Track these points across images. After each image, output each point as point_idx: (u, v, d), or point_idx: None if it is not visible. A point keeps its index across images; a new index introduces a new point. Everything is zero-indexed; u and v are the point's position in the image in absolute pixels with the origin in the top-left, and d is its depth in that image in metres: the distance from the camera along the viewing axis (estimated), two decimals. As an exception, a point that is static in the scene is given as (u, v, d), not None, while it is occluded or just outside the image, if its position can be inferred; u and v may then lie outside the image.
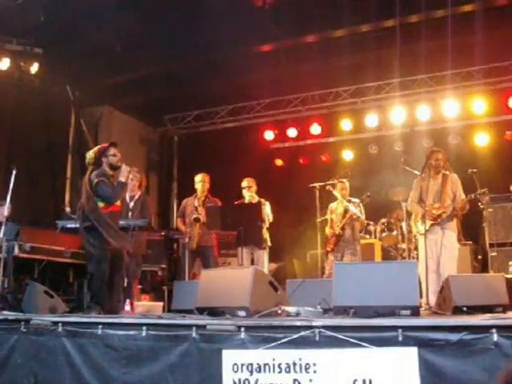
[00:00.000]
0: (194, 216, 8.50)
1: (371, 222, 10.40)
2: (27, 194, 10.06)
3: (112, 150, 6.80)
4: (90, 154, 6.80)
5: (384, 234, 10.44)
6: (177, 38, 9.87)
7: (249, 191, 9.00)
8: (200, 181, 8.84)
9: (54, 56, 9.94)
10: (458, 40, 9.33)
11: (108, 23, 9.41)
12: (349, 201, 9.09)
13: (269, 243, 8.94)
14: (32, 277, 7.60)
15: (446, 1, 8.63)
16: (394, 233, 10.29)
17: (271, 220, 9.01)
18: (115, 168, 6.80)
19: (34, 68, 9.94)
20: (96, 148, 6.93)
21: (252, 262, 8.66)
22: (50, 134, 11.43)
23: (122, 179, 6.69)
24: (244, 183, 9.11)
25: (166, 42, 10.11)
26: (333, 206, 9.28)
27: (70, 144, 11.94)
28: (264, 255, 8.88)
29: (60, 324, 5.10)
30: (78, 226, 6.73)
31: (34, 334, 5.22)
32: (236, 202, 8.93)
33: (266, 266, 8.86)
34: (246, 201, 8.96)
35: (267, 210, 8.94)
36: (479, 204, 7.72)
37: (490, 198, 8.25)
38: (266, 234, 8.88)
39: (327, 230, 9.16)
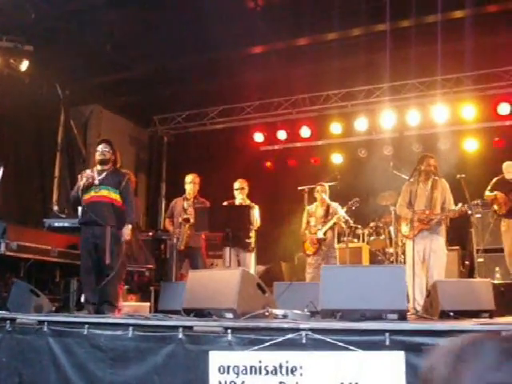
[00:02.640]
0: (184, 216, 8.46)
1: (359, 226, 10.42)
2: (15, 192, 10.01)
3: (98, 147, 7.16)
4: None
5: (372, 238, 10.46)
6: (168, 39, 9.87)
7: (240, 193, 8.96)
8: (190, 182, 8.80)
9: (45, 54, 9.90)
10: (448, 46, 9.40)
11: (99, 22, 9.42)
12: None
13: (252, 245, 8.91)
14: (18, 275, 7.53)
15: (436, 6, 8.66)
16: (382, 237, 10.32)
17: (259, 224, 8.97)
18: (99, 163, 7.05)
19: (24, 66, 9.87)
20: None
21: (238, 264, 8.63)
22: (38, 132, 11.39)
23: None
24: (236, 184, 9.04)
25: (156, 42, 10.11)
26: (311, 208, 9.24)
27: (58, 142, 11.89)
28: (250, 257, 8.85)
29: (46, 323, 5.06)
30: (65, 224, 6.77)
31: (20, 332, 5.18)
32: (225, 203, 8.89)
33: (252, 268, 8.83)
34: (237, 202, 8.92)
35: (256, 213, 8.91)
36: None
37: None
38: (252, 237, 8.85)
39: (304, 233, 9.13)
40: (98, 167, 7.01)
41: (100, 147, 7.07)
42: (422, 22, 9.33)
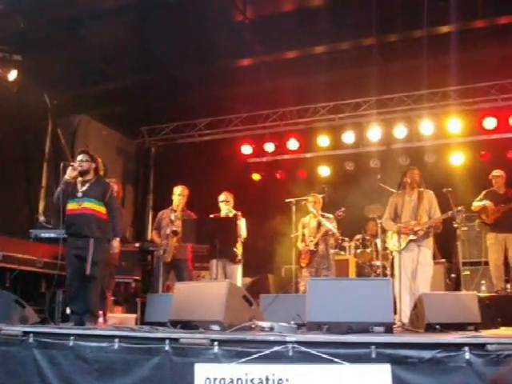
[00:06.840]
0: (174, 229, 8.43)
1: (346, 239, 10.44)
2: (1, 202, 9.94)
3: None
4: None
5: (359, 251, 10.48)
6: (156, 51, 9.88)
7: (226, 205, 8.96)
8: (179, 193, 8.76)
9: (33, 64, 9.87)
10: (435, 60, 9.48)
11: (88, 33, 9.42)
12: (322, 216, 9.11)
13: (239, 257, 8.90)
14: (3, 286, 7.49)
15: (423, 22, 8.75)
16: (369, 249, 10.35)
17: (245, 235, 8.97)
18: (80, 173, 6.92)
19: (13, 75, 9.84)
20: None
21: (225, 276, 8.63)
22: (26, 142, 11.31)
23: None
24: (221, 197, 9.06)
25: (145, 53, 10.12)
26: (305, 220, 9.29)
27: (46, 152, 11.82)
28: (237, 269, 8.84)
29: (31, 334, 5.03)
30: (52, 235, 6.74)
31: (4, 344, 5.14)
32: (211, 215, 8.89)
33: (239, 280, 8.83)
34: (223, 214, 8.92)
35: (242, 225, 8.92)
36: (453, 223, 7.80)
37: (465, 216, 8.35)
38: (239, 249, 8.85)
39: (300, 245, 9.18)
40: (80, 178, 6.97)
41: (77, 158, 7.03)
42: (409, 36, 9.42)
